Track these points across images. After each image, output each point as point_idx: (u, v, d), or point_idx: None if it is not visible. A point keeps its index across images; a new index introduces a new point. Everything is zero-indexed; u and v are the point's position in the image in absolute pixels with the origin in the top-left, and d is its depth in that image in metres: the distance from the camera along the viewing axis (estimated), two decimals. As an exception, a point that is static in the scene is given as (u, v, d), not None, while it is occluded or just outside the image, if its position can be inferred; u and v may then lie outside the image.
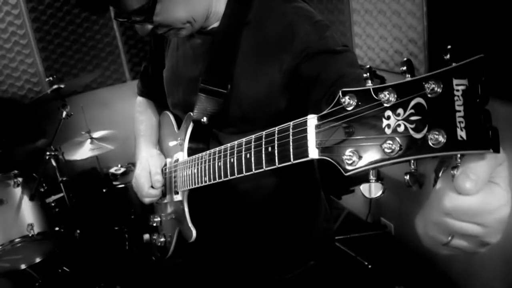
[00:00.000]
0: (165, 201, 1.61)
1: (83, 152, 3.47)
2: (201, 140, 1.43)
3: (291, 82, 1.20)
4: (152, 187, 1.55)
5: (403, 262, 3.31)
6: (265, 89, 1.25)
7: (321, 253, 1.62)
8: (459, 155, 0.54)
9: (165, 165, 1.60)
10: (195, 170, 1.29)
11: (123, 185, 3.72)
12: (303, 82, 1.15)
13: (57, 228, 3.18)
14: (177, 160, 1.48)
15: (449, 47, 0.53)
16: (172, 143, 1.57)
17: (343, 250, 3.57)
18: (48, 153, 3.15)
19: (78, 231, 3.24)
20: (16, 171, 3.07)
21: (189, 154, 1.41)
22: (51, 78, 3.45)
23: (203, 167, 1.23)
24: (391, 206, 3.61)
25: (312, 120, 0.73)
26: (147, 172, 1.56)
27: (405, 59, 0.58)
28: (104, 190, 3.73)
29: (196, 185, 1.29)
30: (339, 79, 1.04)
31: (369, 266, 3.38)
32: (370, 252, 3.49)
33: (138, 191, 1.61)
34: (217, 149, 1.14)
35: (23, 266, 3.01)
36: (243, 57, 1.28)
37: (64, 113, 3.17)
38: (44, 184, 3.22)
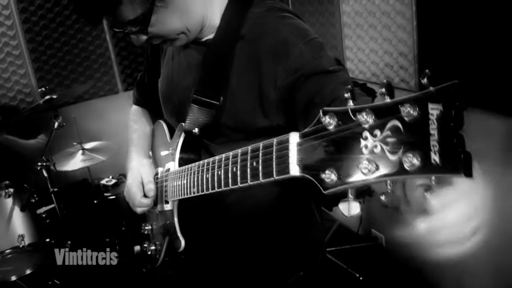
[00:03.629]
0: (156, 210, 1.61)
1: (75, 163, 3.47)
2: (192, 151, 1.44)
3: (284, 99, 1.20)
4: (144, 196, 1.55)
5: (394, 274, 3.31)
6: (258, 103, 1.26)
7: (311, 264, 1.62)
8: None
9: (157, 174, 1.60)
10: (185, 181, 1.30)
11: (114, 197, 3.72)
12: (298, 103, 1.16)
13: (48, 240, 3.18)
14: (168, 170, 1.49)
15: (426, 71, 0.54)
16: (164, 153, 1.57)
17: (334, 261, 3.56)
18: (39, 163, 3.15)
19: (69, 243, 3.23)
20: (7, 182, 3.08)
21: (180, 164, 1.42)
22: (43, 89, 3.46)
23: (192, 178, 1.24)
24: (382, 218, 3.62)
25: (294, 137, 0.75)
26: (138, 182, 1.56)
27: (384, 81, 0.59)
28: (95, 201, 3.72)
29: (185, 196, 1.30)
30: (334, 101, 1.05)
31: (360, 278, 3.37)
32: (361, 263, 3.49)
33: (130, 200, 1.60)
34: (206, 161, 1.15)
35: (13, 278, 2.99)
36: (236, 70, 1.29)
37: (56, 124, 3.18)
38: (35, 195, 3.22)
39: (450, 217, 0.58)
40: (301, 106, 1.15)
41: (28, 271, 3.04)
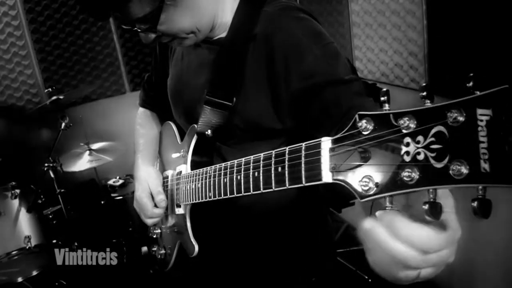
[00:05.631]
0: (166, 213, 1.59)
1: (82, 163, 3.46)
2: (204, 153, 1.42)
3: (297, 104, 1.18)
4: (155, 206, 1.53)
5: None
6: (270, 104, 1.23)
7: (323, 269, 1.60)
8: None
9: (167, 177, 1.58)
10: (199, 185, 1.26)
11: (121, 197, 3.70)
12: (311, 111, 1.14)
13: (54, 241, 3.17)
14: (180, 173, 1.46)
15: (471, 74, 0.52)
16: (174, 155, 1.54)
17: (343, 263, 3.54)
18: (46, 164, 3.14)
19: (76, 244, 3.21)
20: (13, 183, 3.07)
21: (192, 167, 1.39)
22: (50, 89, 3.45)
23: (207, 182, 1.20)
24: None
25: (326, 143, 0.71)
26: (148, 193, 1.55)
27: (424, 84, 0.57)
28: (102, 202, 3.70)
29: (200, 200, 1.27)
30: (349, 110, 1.02)
31: (369, 280, 3.35)
32: (370, 265, 3.46)
33: (142, 212, 1.59)
34: (223, 164, 1.12)
35: (19, 279, 2.97)
36: (249, 71, 1.26)
37: (63, 124, 3.17)
38: (41, 196, 3.21)
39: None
40: (315, 114, 1.13)
41: (34, 273, 3.03)
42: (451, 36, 2.61)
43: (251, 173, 0.95)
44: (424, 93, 0.57)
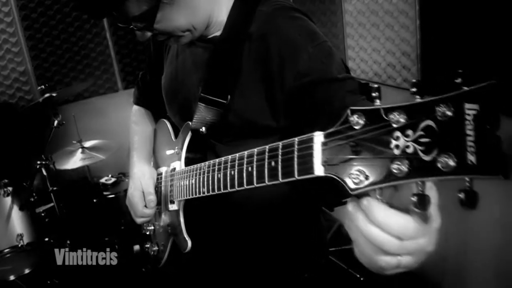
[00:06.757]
0: (159, 210, 1.60)
1: (74, 161, 3.45)
2: (198, 150, 1.43)
3: (291, 102, 1.19)
4: (146, 206, 1.55)
5: (395, 275, 3.29)
6: (265, 103, 1.24)
7: (315, 266, 1.61)
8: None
9: (161, 174, 1.59)
10: (193, 181, 1.27)
11: (113, 195, 3.69)
12: (306, 110, 1.15)
13: (46, 239, 3.16)
14: (174, 169, 1.47)
15: (460, 71, 0.53)
16: (169, 152, 1.55)
17: (335, 262, 3.54)
18: (38, 162, 3.13)
19: (68, 242, 3.21)
20: (6, 180, 3.05)
21: (187, 164, 1.40)
22: (43, 87, 3.43)
23: (201, 178, 1.21)
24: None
25: (318, 137, 0.73)
26: (140, 192, 1.56)
27: (414, 80, 0.58)
28: (94, 200, 3.70)
29: (193, 196, 1.28)
30: (342, 109, 1.04)
31: (361, 279, 3.35)
32: (362, 264, 3.46)
33: (132, 210, 1.61)
34: (217, 160, 1.13)
35: (12, 277, 2.97)
36: (244, 69, 1.27)
37: (56, 122, 3.16)
38: (34, 194, 3.19)
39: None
40: (309, 113, 1.14)
41: (26, 271, 3.03)
42: (444, 36, 2.63)
43: (244, 168, 0.96)
44: (414, 89, 0.58)
